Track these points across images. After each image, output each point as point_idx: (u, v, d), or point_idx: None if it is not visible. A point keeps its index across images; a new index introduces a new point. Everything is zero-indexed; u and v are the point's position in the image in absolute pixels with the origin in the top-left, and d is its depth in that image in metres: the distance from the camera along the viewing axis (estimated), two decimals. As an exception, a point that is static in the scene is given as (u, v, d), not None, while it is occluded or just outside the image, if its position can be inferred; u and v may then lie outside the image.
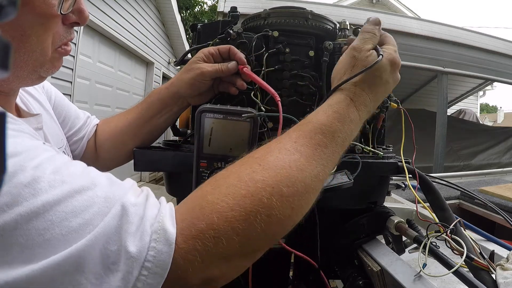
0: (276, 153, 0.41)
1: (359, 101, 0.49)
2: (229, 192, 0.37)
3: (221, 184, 0.39)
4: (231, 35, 0.69)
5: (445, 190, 1.73)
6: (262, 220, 0.36)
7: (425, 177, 0.70)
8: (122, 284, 0.32)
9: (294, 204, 0.39)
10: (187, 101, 0.70)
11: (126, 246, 0.33)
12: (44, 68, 0.49)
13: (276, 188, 0.38)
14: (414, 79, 5.34)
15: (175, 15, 6.86)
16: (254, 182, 0.38)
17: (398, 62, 0.53)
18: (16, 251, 0.30)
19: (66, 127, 0.75)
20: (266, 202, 0.37)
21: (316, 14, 0.75)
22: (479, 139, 5.10)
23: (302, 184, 0.40)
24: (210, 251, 0.35)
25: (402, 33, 3.62)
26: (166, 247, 0.34)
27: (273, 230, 0.38)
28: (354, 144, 0.68)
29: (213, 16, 12.22)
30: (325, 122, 0.46)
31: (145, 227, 0.34)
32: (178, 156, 0.66)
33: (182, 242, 0.35)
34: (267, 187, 0.37)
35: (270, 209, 0.37)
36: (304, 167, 0.41)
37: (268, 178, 0.38)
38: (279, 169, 0.39)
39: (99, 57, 4.40)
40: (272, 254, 0.75)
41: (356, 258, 0.76)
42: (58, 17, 0.47)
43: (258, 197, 0.37)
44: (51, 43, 0.47)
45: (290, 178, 0.39)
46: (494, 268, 0.55)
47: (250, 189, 0.37)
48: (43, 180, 0.33)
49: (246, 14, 0.83)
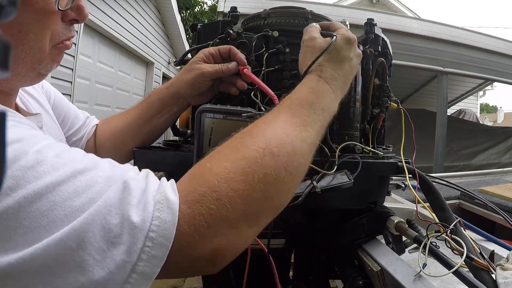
0: (261, 124, 0.45)
1: (327, 76, 0.54)
2: (225, 159, 0.40)
3: (217, 155, 0.41)
4: (231, 35, 0.69)
5: (445, 190, 1.73)
6: (259, 179, 0.38)
7: (425, 177, 0.70)
8: (126, 257, 0.32)
9: (286, 165, 0.41)
10: (187, 101, 0.70)
11: (129, 216, 0.33)
12: (42, 64, 0.48)
13: (267, 148, 0.41)
14: (414, 79, 5.34)
15: (175, 15, 6.86)
16: (247, 146, 0.41)
17: (352, 38, 0.58)
18: (20, 234, 0.30)
19: (66, 127, 0.75)
20: (260, 162, 0.39)
21: (316, 14, 0.75)
22: (479, 139, 5.10)
23: (290, 145, 0.43)
24: (215, 215, 0.36)
25: (402, 33, 3.62)
26: (170, 215, 0.34)
27: (271, 192, 0.40)
28: (354, 144, 0.68)
29: (213, 16, 12.22)
30: (300, 96, 0.51)
31: (147, 199, 0.34)
32: (178, 156, 0.66)
33: (186, 208, 0.35)
34: (258, 148, 0.40)
35: (265, 168, 0.39)
36: (289, 131, 0.45)
37: (259, 142, 0.41)
38: (267, 134, 0.43)
39: (99, 57, 4.40)
40: (272, 254, 0.75)
41: (356, 258, 0.76)
42: (57, 14, 0.46)
43: (252, 158, 0.40)
44: (49, 40, 0.47)
45: (279, 141, 0.42)
46: (494, 268, 0.55)
47: (244, 152, 0.40)
48: (46, 163, 0.33)
49: (246, 14, 0.83)
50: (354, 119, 0.69)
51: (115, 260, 0.32)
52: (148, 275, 0.33)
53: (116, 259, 0.32)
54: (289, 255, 0.93)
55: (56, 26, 0.48)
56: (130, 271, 0.32)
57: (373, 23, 0.77)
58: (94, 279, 0.31)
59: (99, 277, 0.31)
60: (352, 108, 0.69)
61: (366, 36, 0.77)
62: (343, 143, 0.67)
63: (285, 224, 0.82)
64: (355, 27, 0.80)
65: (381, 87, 0.75)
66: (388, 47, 0.79)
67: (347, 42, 0.58)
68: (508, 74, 4.21)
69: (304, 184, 0.60)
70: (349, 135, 0.69)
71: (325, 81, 0.54)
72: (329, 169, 0.62)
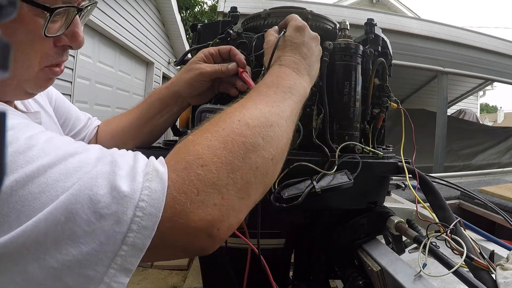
0: (235, 106, 0.48)
1: (288, 63, 0.58)
2: (206, 130, 0.42)
3: (198, 130, 0.44)
4: (231, 35, 0.69)
5: (445, 190, 1.73)
6: (239, 146, 0.41)
7: (425, 177, 0.70)
8: (116, 228, 0.32)
9: (262, 134, 0.44)
10: (187, 101, 0.70)
11: (118, 186, 0.33)
12: (28, 85, 0.48)
13: (242, 120, 0.43)
14: (414, 79, 5.34)
15: (175, 15, 6.85)
16: (224, 120, 0.44)
17: (301, 25, 0.61)
18: (13, 218, 0.30)
19: (67, 128, 0.75)
20: (237, 131, 0.42)
21: (316, 14, 0.75)
22: (479, 139, 5.10)
23: (263, 117, 0.45)
24: (203, 180, 0.37)
25: (402, 33, 3.62)
26: (159, 185, 0.34)
27: (254, 160, 0.42)
28: (354, 144, 0.68)
29: (213, 16, 12.22)
30: (266, 81, 0.54)
31: (136, 170, 0.35)
32: (178, 156, 0.66)
33: (175, 176, 0.36)
34: (234, 120, 0.43)
35: (242, 136, 0.42)
36: (261, 107, 0.47)
37: (234, 117, 0.44)
38: (241, 110, 0.46)
39: (99, 57, 4.40)
40: (272, 254, 0.75)
41: (356, 258, 0.76)
42: (49, 38, 0.45)
43: (230, 127, 0.42)
44: (38, 62, 0.46)
45: (252, 114, 0.45)
46: (494, 268, 0.55)
47: (222, 125, 0.43)
48: (36, 147, 0.34)
49: (246, 14, 0.83)
50: (354, 119, 0.69)
51: (105, 231, 0.32)
52: (139, 247, 0.33)
53: (106, 230, 0.32)
54: (289, 255, 0.93)
55: (47, 50, 0.47)
56: (120, 242, 0.32)
57: (373, 23, 0.77)
58: (85, 250, 0.31)
59: (90, 248, 0.31)
60: (352, 108, 0.69)
61: (366, 36, 0.77)
62: (343, 143, 0.67)
63: (285, 224, 0.82)
64: (355, 27, 0.80)
65: (381, 87, 0.75)
66: (388, 47, 0.79)
67: (297, 30, 0.61)
68: (508, 74, 4.21)
69: (304, 184, 0.60)
70: (349, 135, 0.69)
71: (286, 67, 0.57)
72: (329, 169, 0.62)
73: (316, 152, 0.66)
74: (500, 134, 5.38)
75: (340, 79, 0.69)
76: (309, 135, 0.67)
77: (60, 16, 0.46)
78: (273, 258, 0.67)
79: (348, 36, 0.72)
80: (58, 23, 0.46)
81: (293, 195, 0.58)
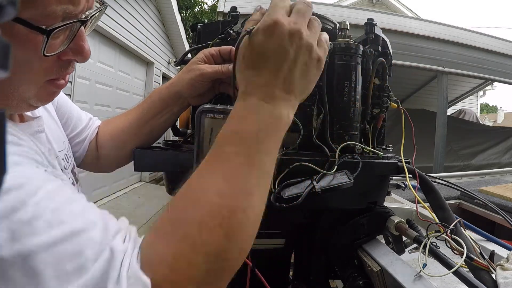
0: (194, 184, 0.40)
1: (253, 89, 0.43)
2: (164, 236, 0.38)
3: (162, 234, 0.39)
4: (231, 35, 0.69)
5: (445, 190, 1.73)
6: (204, 261, 0.37)
7: (425, 177, 0.70)
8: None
9: (225, 231, 0.38)
10: (187, 101, 0.70)
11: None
12: (32, 100, 0.47)
13: (203, 223, 0.37)
14: (414, 79, 5.35)
15: (175, 15, 6.86)
16: (185, 222, 0.38)
17: (272, 23, 0.41)
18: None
19: (69, 128, 0.75)
20: (198, 241, 0.37)
21: (316, 14, 0.75)
22: (479, 139, 5.10)
23: (226, 208, 0.38)
24: None
25: (402, 33, 3.63)
26: None
27: (221, 266, 0.38)
28: (354, 144, 0.68)
29: (213, 16, 12.22)
30: (226, 132, 0.43)
31: (122, 274, 0.34)
32: (178, 156, 0.66)
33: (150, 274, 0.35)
34: (193, 224, 0.38)
35: (205, 245, 0.37)
36: (221, 186, 0.39)
37: (193, 215, 0.38)
38: (201, 202, 0.39)
39: (99, 57, 4.41)
40: (272, 254, 0.75)
41: (356, 258, 0.76)
42: None
43: (191, 240, 0.37)
44: (40, 78, 0.45)
45: (210, 205, 0.38)
46: (494, 268, 0.55)
47: (183, 230, 0.38)
48: (43, 219, 0.33)
49: (246, 14, 0.83)
50: (354, 119, 0.69)
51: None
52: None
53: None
54: (289, 255, 0.93)
55: (50, 66, 0.44)
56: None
57: (373, 23, 0.77)
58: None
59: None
60: (352, 108, 0.69)
61: (366, 36, 0.77)
62: (343, 143, 0.67)
63: (285, 224, 0.82)
64: (355, 27, 0.80)
65: (381, 87, 0.75)
66: (388, 47, 0.79)
67: (265, 33, 0.42)
68: (508, 74, 4.21)
69: (304, 184, 0.60)
70: (349, 135, 0.69)
71: (251, 96, 0.43)
72: (329, 169, 0.62)
73: (316, 152, 0.66)
74: (500, 134, 5.38)
75: (340, 79, 0.69)
76: (309, 135, 0.67)
77: (62, 31, 0.42)
78: (273, 258, 0.67)
79: (348, 36, 0.72)
80: (60, 38, 0.43)
81: (293, 195, 0.58)
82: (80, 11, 0.43)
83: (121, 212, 4.22)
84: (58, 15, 0.40)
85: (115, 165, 0.80)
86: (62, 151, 0.64)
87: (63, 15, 0.41)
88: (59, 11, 0.40)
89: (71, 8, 0.41)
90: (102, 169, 0.82)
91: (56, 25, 0.40)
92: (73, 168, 0.67)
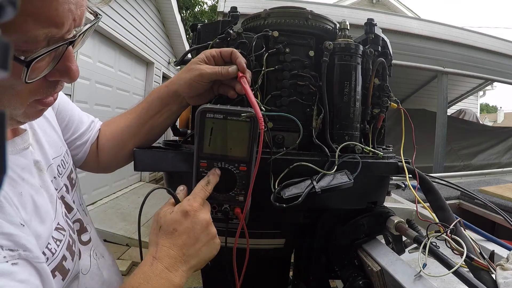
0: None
1: (162, 256, 0.51)
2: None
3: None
4: (231, 35, 0.69)
5: (445, 190, 1.73)
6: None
7: (425, 177, 0.70)
8: None
9: None
10: (186, 100, 0.70)
11: None
12: (19, 117, 0.46)
13: None
14: (414, 79, 5.34)
15: (175, 15, 6.85)
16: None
17: (188, 211, 0.53)
18: None
19: (70, 131, 0.74)
20: None
21: (316, 14, 0.75)
22: (479, 139, 5.10)
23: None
24: None
25: (402, 33, 3.62)
26: None
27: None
28: (354, 144, 0.68)
29: (213, 16, 12.22)
30: (133, 285, 0.48)
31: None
32: (178, 156, 0.66)
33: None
34: None
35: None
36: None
37: None
38: None
39: (99, 57, 4.40)
40: (272, 254, 0.75)
41: (356, 258, 0.76)
42: None
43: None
44: (25, 100, 0.44)
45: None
46: (494, 268, 0.55)
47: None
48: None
49: (246, 14, 0.83)
50: (354, 119, 0.69)
51: None
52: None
53: None
54: (289, 255, 0.93)
55: (36, 88, 0.43)
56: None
57: (373, 23, 0.77)
58: None
59: None
60: (352, 108, 0.69)
61: (366, 36, 0.77)
62: (343, 143, 0.67)
63: (285, 224, 0.82)
64: (355, 27, 0.80)
65: (381, 87, 0.75)
66: (388, 47, 0.79)
67: (182, 216, 0.53)
68: (508, 74, 4.21)
69: (304, 184, 0.60)
70: (349, 135, 0.69)
71: (159, 261, 0.51)
72: (329, 169, 0.62)
73: (316, 152, 0.66)
74: (500, 134, 5.38)
75: (340, 79, 0.69)
76: (309, 135, 0.67)
77: (47, 55, 0.40)
78: (273, 258, 0.67)
79: (348, 36, 0.72)
80: (46, 60, 0.41)
81: (293, 195, 0.58)
82: (66, 32, 0.41)
83: (121, 212, 4.21)
84: (39, 39, 0.38)
85: (115, 166, 0.80)
86: (58, 157, 0.64)
87: (46, 38, 0.39)
88: (41, 36, 0.38)
89: (55, 31, 0.39)
90: (102, 170, 0.82)
91: (37, 54, 0.38)
92: (70, 173, 0.67)
